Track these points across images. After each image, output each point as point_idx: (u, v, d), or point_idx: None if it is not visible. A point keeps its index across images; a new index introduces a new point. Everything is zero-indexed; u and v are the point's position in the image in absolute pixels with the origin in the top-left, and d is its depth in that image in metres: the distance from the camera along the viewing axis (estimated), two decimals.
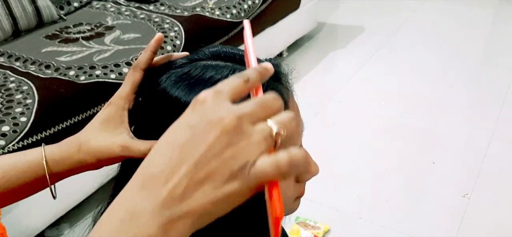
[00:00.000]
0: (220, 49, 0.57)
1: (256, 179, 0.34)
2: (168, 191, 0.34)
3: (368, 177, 2.07)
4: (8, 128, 1.51)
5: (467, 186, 1.97)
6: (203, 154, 0.34)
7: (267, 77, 0.40)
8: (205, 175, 0.34)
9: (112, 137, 0.54)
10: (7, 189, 0.56)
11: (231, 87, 0.37)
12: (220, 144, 0.34)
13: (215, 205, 0.34)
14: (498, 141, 2.24)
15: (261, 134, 0.35)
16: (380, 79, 2.86)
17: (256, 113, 0.35)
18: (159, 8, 2.36)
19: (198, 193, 0.34)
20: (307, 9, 3.03)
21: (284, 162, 0.33)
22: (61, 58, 1.85)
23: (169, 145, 0.35)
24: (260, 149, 0.34)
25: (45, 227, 1.72)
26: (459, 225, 1.80)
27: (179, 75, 0.54)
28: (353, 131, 2.37)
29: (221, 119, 0.34)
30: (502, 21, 3.58)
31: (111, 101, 0.56)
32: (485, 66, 2.99)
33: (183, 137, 0.35)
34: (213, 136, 0.34)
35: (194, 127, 0.35)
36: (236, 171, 0.34)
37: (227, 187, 0.34)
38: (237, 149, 0.34)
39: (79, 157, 0.54)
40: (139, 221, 0.33)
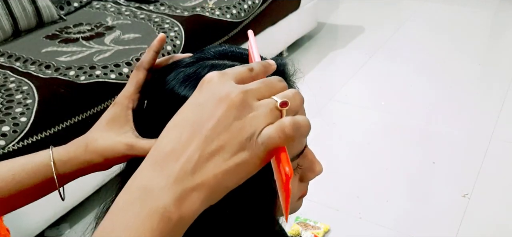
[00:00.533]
0: (227, 49, 0.58)
1: (264, 146, 0.35)
2: (180, 166, 0.35)
3: (368, 177, 2.07)
4: (8, 128, 1.51)
5: (467, 186, 1.97)
6: (212, 128, 0.35)
7: (270, 72, 0.41)
8: (216, 148, 0.35)
9: (117, 136, 0.55)
10: (17, 191, 0.57)
11: (236, 71, 0.39)
12: (228, 117, 0.35)
13: (226, 175, 0.35)
14: (498, 141, 2.24)
15: (266, 107, 0.36)
16: (380, 79, 2.86)
17: (261, 90, 0.37)
18: (159, 8, 2.36)
19: (210, 165, 0.35)
20: (307, 9, 3.03)
21: (288, 125, 0.35)
22: (61, 58, 1.85)
23: (179, 124, 0.37)
24: (266, 120, 0.36)
25: (45, 227, 1.72)
26: (459, 225, 1.80)
27: (186, 74, 0.54)
28: (353, 131, 2.37)
29: (228, 94, 0.36)
30: (502, 21, 3.58)
31: (116, 101, 0.57)
32: (485, 66, 2.99)
33: (192, 115, 0.37)
34: (221, 111, 0.35)
35: (203, 105, 0.37)
36: (244, 141, 0.35)
37: (237, 158, 0.35)
38: (245, 121, 0.35)
39: (86, 157, 0.55)
40: (154, 195, 0.35)
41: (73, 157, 0.56)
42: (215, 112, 0.36)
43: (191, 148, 0.35)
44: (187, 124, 0.36)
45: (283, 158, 0.35)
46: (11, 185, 0.56)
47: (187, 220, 0.36)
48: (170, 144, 0.36)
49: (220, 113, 0.35)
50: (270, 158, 0.36)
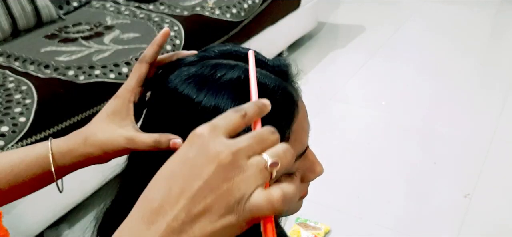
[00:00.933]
0: (231, 48, 0.57)
1: (251, 213, 0.35)
2: (166, 224, 0.35)
3: (368, 177, 2.06)
4: (8, 129, 1.50)
5: (468, 186, 1.96)
6: (199, 188, 0.35)
7: (265, 113, 0.41)
8: (202, 209, 0.35)
9: (118, 129, 0.55)
10: (16, 183, 0.57)
11: (227, 122, 0.38)
12: (216, 178, 0.35)
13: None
14: (499, 141, 2.23)
15: (256, 168, 0.36)
16: (381, 79, 2.85)
17: (252, 147, 0.37)
18: (158, 7, 2.35)
19: (196, 226, 0.35)
20: (307, 9, 3.02)
21: (277, 199, 0.35)
22: (60, 58, 1.84)
23: (167, 178, 0.37)
24: (256, 183, 0.35)
25: (44, 227, 1.71)
26: (460, 225, 1.79)
27: (190, 73, 0.53)
28: (353, 131, 2.36)
29: (217, 154, 0.35)
30: (503, 21, 3.58)
31: (118, 94, 0.57)
32: (486, 66, 2.98)
33: (181, 170, 0.36)
34: (210, 171, 0.35)
35: (192, 161, 0.36)
36: (232, 205, 0.35)
37: (224, 221, 0.35)
38: (233, 183, 0.35)
39: (85, 150, 0.55)
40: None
41: (72, 149, 0.55)
42: (204, 172, 0.35)
43: (178, 207, 0.35)
44: (175, 180, 0.36)
45: (269, 230, 0.35)
46: (10, 177, 0.56)
47: None
48: (157, 199, 0.36)
49: (208, 173, 0.35)
50: (257, 222, 0.36)
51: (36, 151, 0.56)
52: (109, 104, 0.57)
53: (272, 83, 0.53)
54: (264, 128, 0.39)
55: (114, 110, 0.56)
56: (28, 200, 1.59)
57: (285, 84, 0.54)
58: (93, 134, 0.55)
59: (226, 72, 0.52)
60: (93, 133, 0.55)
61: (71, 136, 0.56)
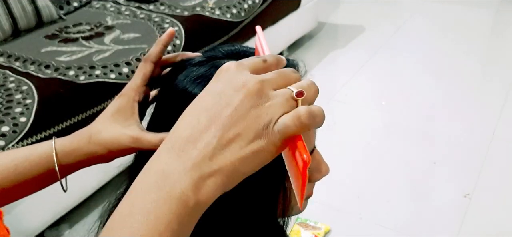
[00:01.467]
0: (238, 48, 0.58)
1: (279, 134, 0.36)
2: (198, 151, 0.36)
3: (368, 177, 2.06)
4: (8, 129, 1.50)
5: (468, 186, 1.96)
6: (229, 116, 0.36)
7: (282, 65, 0.42)
8: (233, 135, 0.36)
9: (122, 128, 0.55)
10: (20, 181, 0.57)
11: (251, 62, 0.40)
12: (245, 106, 0.36)
13: (243, 162, 0.36)
14: (499, 141, 2.24)
15: (282, 97, 0.37)
16: (381, 78, 2.85)
17: (276, 80, 0.38)
18: (159, 7, 2.35)
19: (227, 151, 0.36)
20: (307, 9, 3.02)
21: (304, 114, 0.36)
22: (60, 58, 1.84)
23: (197, 110, 0.38)
24: (283, 109, 0.37)
25: (45, 227, 1.71)
26: (460, 225, 1.79)
27: (199, 73, 0.53)
28: (353, 131, 2.36)
29: (245, 83, 0.37)
30: (503, 21, 3.58)
31: (122, 93, 0.57)
32: (486, 65, 2.98)
33: (210, 102, 0.37)
34: (238, 99, 0.36)
35: (220, 93, 0.37)
36: (261, 129, 0.36)
37: (254, 145, 0.36)
38: (261, 109, 0.36)
39: (90, 149, 0.55)
40: (172, 179, 0.35)
41: (76, 148, 0.55)
42: (233, 100, 0.36)
43: (209, 134, 0.36)
44: (205, 111, 0.37)
45: (300, 146, 0.36)
46: (14, 175, 0.56)
47: (204, 205, 0.36)
48: (187, 130, 0.37)
49: (237, 101, 0.36)
50: (285, 146, 0.37)
51: (40, 150, 0.56)
52: (113, 103, 0.57)
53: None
54: (287, 68, 0.40)
55: (119, 109, 0.56)
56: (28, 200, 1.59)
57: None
58: (97, 133, 0.55)
59: None
60: (98, 132, 0.55)
61: (76, 135, 0.56)
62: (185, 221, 0.35)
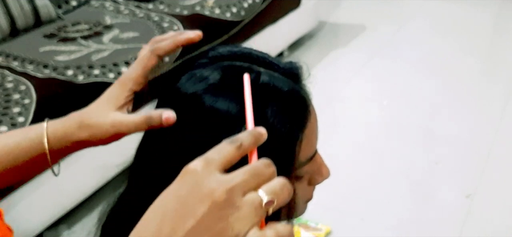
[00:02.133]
0: (242, 50, 0.56)
1: None
2: None
3: (369, 178, 2.05)
4: (6, 128, 1.49)
5: (470, 187, 1.95)
6: (192, 228, 0.34)
7: (261, 142, 0.40)
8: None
9: (109, 114, 0.54)
10: (12, 166, 0.56)
11: (222, 155, 0.37)
12: (210, 218, 0.34)
13: None
14: (501, 141, 2.22)
15: (251, 206, 0.34)
16: (382, 78, 2.84)
17: (247, 182, 0.35)
18: (158, 6, 2.34)
19: None
20: (307, 8, 3.01)
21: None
22: (59, 57, 1.83)
23: (159, 215, 0.35)
24: (251, 222, 0.34)
25: (43, 229, 1.70)
26: (462, 226, 1.78)
27: (203, 76, 0.52)
28: (354, 131, 2.35)
29: (212, 192, 0.34)
30: (505, 21, 3.57)
31: (120, 80, 0.56)
32: (488, 65, 2.97)
33: (173, 208, 0.35)
34: (203, 210, 0.34)
35: (184, 198, 0.35)
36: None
37: None
38: (227, 223, 0.34)
39: (80, 134, 0.54)
40: None
41: (67, 134, 0.55)
42: (197, 211, 0.34)
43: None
44: (167, 219, 0.35)
45: None
46: (6, 161, 0.56)
47: None
48: (149, 236, 0.35)
49: (202, 212, 0.34)
50: None
51: (32, 135, 0.55)
52: (110, 89, 0.56)
53: (285, 86, 0.52)
54: (260, 161, 0.37)
55: (110, 95, 0.55)
56: (27, 201, 1.59)
57: (298, 87, 0.54)
58: (87, 119, 0.54)
59: (238, 78, 0.51)
60: (88, 118, 0.54)
61: (68, 119, 0.56)
62: None
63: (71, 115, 0.56)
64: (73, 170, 1.69)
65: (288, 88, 0.52)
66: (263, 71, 0.53)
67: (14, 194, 1.55)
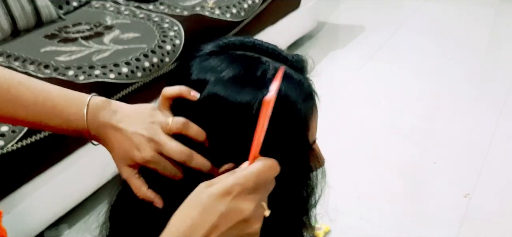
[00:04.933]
0: (253, 41, 0.58)
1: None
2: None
3: (368, 177, 2.06)
4: (7, 128, 1.50)
5: (468, 186, 1.96)
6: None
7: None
8: None
9: (121, 168, 0.60)
10: (35, 122, 0.59)
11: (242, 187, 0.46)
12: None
13: None
14: (500, 140, 2.23)
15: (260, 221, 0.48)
16: (381, 78, 2.85)
17: (263, 197, 0.48)
18: (158, 7, 2.35)
19: None
20: (307, 9, 3.02)
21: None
22: (60, 57, 1.84)
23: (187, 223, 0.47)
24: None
25: (44, 227, 1.71)
26: (460, 225, 1.79)
27: (214, 64, 0.54)
28: (353, 131, 2.36)
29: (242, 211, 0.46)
30: (504, 20, 3.58)
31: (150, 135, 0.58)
32: (487, 65, 2.98)
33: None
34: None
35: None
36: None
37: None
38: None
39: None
40: None
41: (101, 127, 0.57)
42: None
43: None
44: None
45: None
46: (33, 112, 0.58)
47: None
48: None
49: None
50: None
51: (73, 122, 0.57)
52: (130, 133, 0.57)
53: (294, 76, 0.55)
54: (265, 179, 0.48)
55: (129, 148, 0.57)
56: (28, 200, 1.59)
57: (302, 76, 0.57)
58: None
59: (246, 67, 0.54)
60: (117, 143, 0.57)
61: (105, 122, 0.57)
62: None
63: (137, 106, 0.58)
64: (73, 169, 1.70)
65: (296, 78, 0.56)
66: (271, 62, 0.55)
67: (15, 194, 1.56)
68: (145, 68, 1.88)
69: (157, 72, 1.93)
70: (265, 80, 0.53)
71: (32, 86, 0.58)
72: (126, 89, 1.82)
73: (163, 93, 0.56)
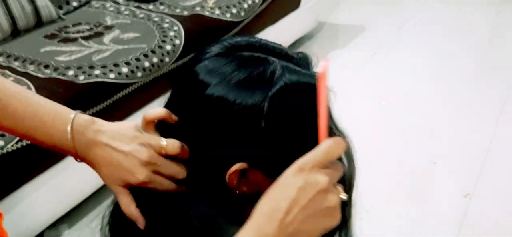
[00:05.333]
0: (259, 41, 0.58)
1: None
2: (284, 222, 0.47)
3: (368, 177, 2.05)
4: None
5: (468, 186, 1.96)
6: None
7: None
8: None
9: (112, 186, 0.61)
10: (24, 134, 0.61)
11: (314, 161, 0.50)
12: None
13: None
14: (500, 140, 2.23)
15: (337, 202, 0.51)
16: (381, 78, 2.85)
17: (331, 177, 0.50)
18: (158, 7, 2.35)
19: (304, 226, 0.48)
20: (307, 9, 3.02)
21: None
22: (60, 57, 1.84)
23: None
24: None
25: (44, 228, 1.71)
26: (460, 225, 1.79)
27: (220, 66, 0.54)
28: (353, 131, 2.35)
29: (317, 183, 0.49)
30: (504, 20, 3.58)
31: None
32: (487, 65, 2.98)
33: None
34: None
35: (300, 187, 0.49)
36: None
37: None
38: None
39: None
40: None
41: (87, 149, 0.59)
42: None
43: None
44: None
45: None
46: (21, 128, 0.60)
47: None
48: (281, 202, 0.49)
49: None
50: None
51: (58, 140, 0.59)
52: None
53: (308, 73, 0.58)
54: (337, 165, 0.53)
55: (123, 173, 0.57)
56: (28, 200, 1.59)
57: (309, 73, 0.58)
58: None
59: (261, 68, 0.54)
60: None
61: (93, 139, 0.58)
62: None
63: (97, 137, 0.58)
64: (73, 169, 1.70)
65: (307, 73, 0.57)
66: (278, 61, 0.55)
67: (15, 194, 1.56)
68: (145, 68, 1.88)
69: (157, 72, 1.93)
70: (274, 80, 0.53)
71: (23, 99, 0.60)
72: (126, 89, 1.82)
73: (145, 117, 0.57)
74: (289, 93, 0.54)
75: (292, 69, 0.56)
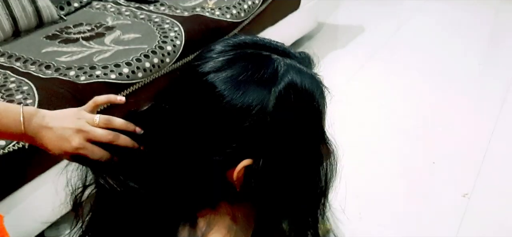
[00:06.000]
0: (263, 39, 0.60)
1: None
2: None
3: (368, 177, 2.07)
4: None
5: (467, 186, 1.97)
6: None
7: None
8: None
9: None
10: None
11: None
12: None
13: None
14: (498, 140, 2.24)
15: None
16: (380, 79, 2.86)
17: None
18: (159, 8, 2.36)
19: None
20: (307, 9, 3.03)
21: None
22: (61, 58, 1.85)
23: None
24: None
25: (45, 227, 1.71)
26: (459, 225, 1.80)
27: (224, 65, 0.55)
28: (353, 131, 2.37)
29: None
30: (503, 21, 3.58)
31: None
32: (486, 65, 2.99)
33: None
34: None
35: None
36: None
37: None
38: None
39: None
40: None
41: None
42: None
43: None
44: None
45: None
46: None
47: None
48: None
49: None
50: None
51: (12, 129, 0.68)
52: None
53: (310, 72, 0.59)
54: None
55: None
56: (28, 200, 1.60)
57: (318, 75, 0.60)
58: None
59: (258, 68, 0.55)
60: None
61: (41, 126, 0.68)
62: None
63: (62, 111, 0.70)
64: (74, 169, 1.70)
65: (309, 72, 0.58)
66: (282, 59, 0.56)
67: (15, 194, 1.57)
68: (146, 69, 1.88)
69: (158, 72, 1.94)
70: (278, 77, 0.54)
71: None
72: (127, 89, 1.83)
73: (94, 100, 0.73)
74: (294, 90, 0.55)
75: (295, 67, 0.56)
